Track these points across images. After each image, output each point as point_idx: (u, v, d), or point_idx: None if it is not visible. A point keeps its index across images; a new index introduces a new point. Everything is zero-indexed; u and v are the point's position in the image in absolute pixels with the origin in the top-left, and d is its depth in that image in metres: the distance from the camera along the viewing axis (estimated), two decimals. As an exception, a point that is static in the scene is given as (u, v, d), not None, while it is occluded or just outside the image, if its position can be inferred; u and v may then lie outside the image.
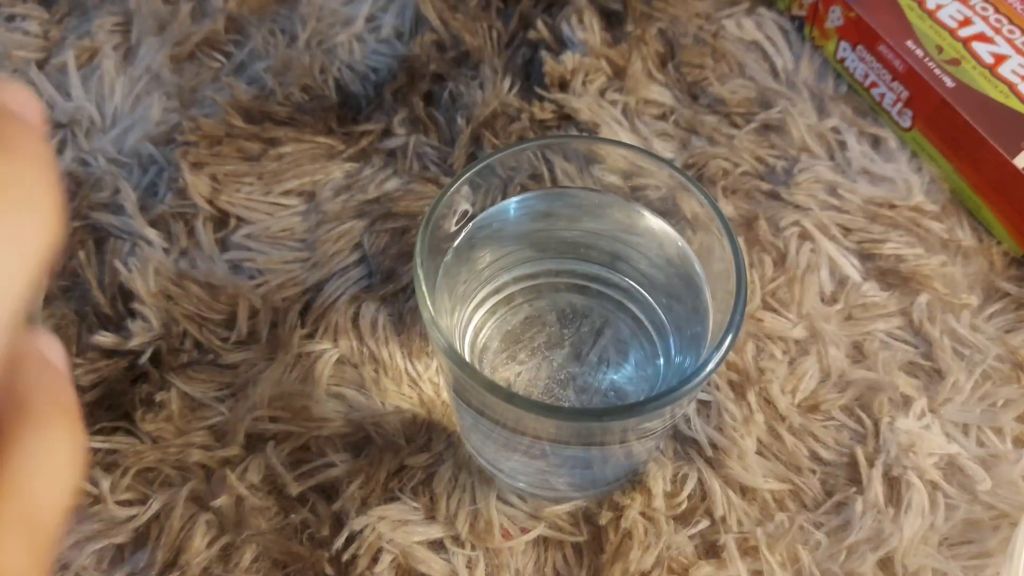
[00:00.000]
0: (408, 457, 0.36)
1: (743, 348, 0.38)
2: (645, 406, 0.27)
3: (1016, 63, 0.43)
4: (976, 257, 0.42)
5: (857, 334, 0.39)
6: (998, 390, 0.38)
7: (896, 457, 0.36)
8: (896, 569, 0.34)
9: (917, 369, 0.39)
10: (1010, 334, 0.40)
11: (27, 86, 0.46)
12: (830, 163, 0.44)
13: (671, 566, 0.33)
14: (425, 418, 0.37)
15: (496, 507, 0.35)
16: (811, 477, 0.36)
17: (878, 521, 0.34)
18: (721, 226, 0.30)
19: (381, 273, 0.40)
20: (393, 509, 0.34)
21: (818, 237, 0.42)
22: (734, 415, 0.37)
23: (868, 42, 0.45)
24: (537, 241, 0.35)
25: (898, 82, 0.44)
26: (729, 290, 0.29)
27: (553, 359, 0.35)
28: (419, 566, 0.33)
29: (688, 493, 0.35)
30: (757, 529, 0.34)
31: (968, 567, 0.34)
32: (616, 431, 0.29)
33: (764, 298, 0.40)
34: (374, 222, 0.42)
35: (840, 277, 0.41)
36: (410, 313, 0.39)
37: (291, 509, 0.35)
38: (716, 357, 0.27)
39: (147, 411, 0.36)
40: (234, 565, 0.33)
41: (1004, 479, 0.35)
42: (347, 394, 0.37)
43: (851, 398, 0.38)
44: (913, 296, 0.40)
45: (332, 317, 0.39)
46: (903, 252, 0.41)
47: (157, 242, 0.41)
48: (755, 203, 0.43)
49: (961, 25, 0.44)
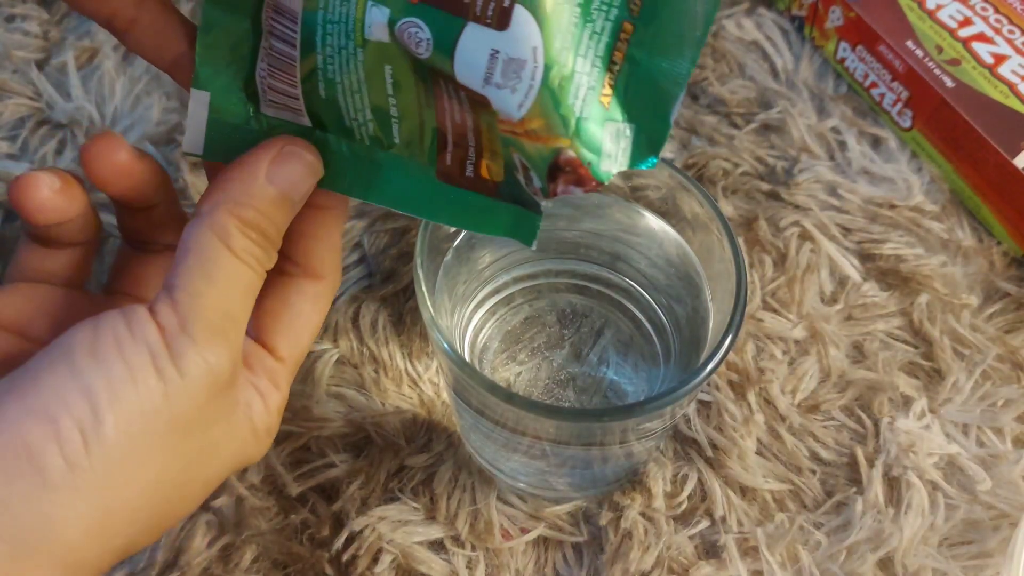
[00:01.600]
0: (408, 457, 0.36)
1: (743, 348, 0.38)
2: (645, 406, 0.27)
3: (1016, 63, 0.43)
4: (976, 257, 0.42)
5: (857, 334, 0.39)
6: (998, 390, 0.38)
7: (896, 457, 0.36)
8: (896, 569, 0.34)
9: (917, 369, 0.39)
10: (1010, 334, 0.40)
11: (27, 86, 0.46)
12: (830, 163, 0.44)
13: (671, 566, 0.33)
14: (425, 418, 0.37)
15: (496, 507, 0.35)
16: (811, 477, 0.36)
17: (878, 521, 0.34)
18: (721, 226, 0.30)
19: (381, 273, 0.40)
20: (393, 509, 0.34)
21: (818, 237, 0.42)
22: (734, 415, 0.37)
23: (868, 42, 0.45)
24: (537, 241, 0.35)
25: (898, 82, 0.44)
26: (729, 290, 0.29)
27: (553, 359, 0.35)
28: (419, 566, 0.33)
29: (688, 493, 0.35)
30: (757, 529, 0.34)
31: (968, 567, 0.34)
32: (616, 431, 0.29)
33: (764, 298, 0.40)
34: (374, 222, 0.42)
35: (840, 277, 0.41)
36: (410, 313, 0.39)
37: (291, 509, 0.35)
38: (716, 357, 0.27)
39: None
40: (234, 565, 0.33)
41: (1004, 479, 0.35)
42: (347, 394, 0.37)
43: (851, 398, 0.38)
44: (913, 296, 0.40)
45: (332, 317, 0.39)
46: (903, 252, 0.41)
47: (157, 242, 0.41)
48: (755, 203, 0.43)
49: (961, 25, 0.44)
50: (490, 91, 0.23)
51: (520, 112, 0.23)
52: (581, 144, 0.23)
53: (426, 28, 0.23)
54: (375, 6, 0.23)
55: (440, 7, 0.23)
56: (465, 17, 0.22)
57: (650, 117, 0.24)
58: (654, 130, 0.24)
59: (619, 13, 0.23)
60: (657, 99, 0.24)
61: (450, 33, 0.23)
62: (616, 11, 0.23)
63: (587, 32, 0.23)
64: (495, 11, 0.22)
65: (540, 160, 0.24)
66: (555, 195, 0.24)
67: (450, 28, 0.23)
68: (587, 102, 0.24)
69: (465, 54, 0.23)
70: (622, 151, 0.24)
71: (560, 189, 0.24)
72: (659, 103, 0.24)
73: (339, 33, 0.24)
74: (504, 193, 0.25)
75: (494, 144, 0.25)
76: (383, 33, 0.23)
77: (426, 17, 0.23)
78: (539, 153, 0.24)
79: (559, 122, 0.23)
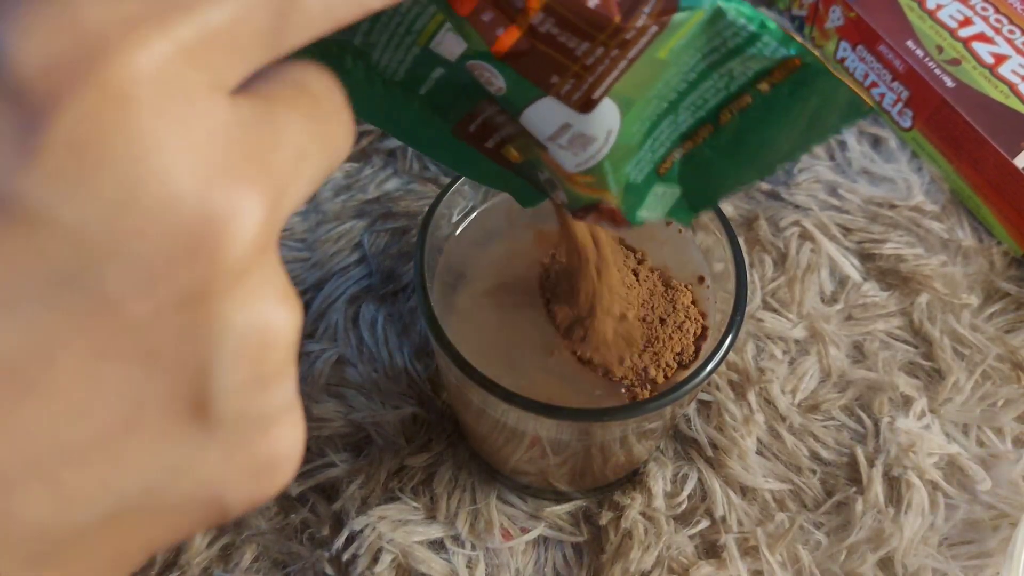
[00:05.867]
0: (408, 457, 0.36)
1: (743, 348, 0.38)
2: (645, 406, 0.27)
3: (1016, 63, 0.43)
4: (976, 257, 0.42)
5: (857, 334, 0.39)
6: (998, 390, 0.38)
7: (896, 457, 0.36)
8: (896, 569, 0.34)
9: (917, 369, 0.39)
10: (1010, 334, 0.40)
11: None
12: (830, 163, 0.44)
13: (671, 566, 0.33)
14: (425, 418, 0.37)
15: (496, 507, 0.35)
16: (811, 477, 0.36)
17: (878, 521, 0.34)
18: (721, 226, 0.30)
19: (381, 273, 0.40)
20: (393, 509, 0.34)
21: (818, 237, 0.42)
22: (734, 415, 0.37)
23: (868, 42, 0.45)
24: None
25: (898, 82, 0.44)
26: (729, 290, 0.29)
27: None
28: (419, 566, 0.33)
29: (688, 493, 0.35)
30: (757, 529, 0.34)
31: (968, 567, 0.34)
32: (616, 431, 0.29)
33: (764, 298, 0.40)
34: (374, 222, 0.42)
35: (840, 277, 0.41)
36: (410, 313, 0.39)
37: (291, 509, 0.35)
38: (716, 357, 0.27)
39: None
40: (234, 565, 0.33)
41: (1004, 479, 0.35)
42: (347, 394, 0.37)
43: (851, 398, 0.38)
44: (913, 296, 0.40)
45: (332, 317, 0.39)
46: (903, 252, 0.41)
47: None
48: (755, 203, 0.43)
49: (961, 25, 0.44)
50: (552, 146, 0.22)
51: (575, 169, 0.22)
52: (623, 200, 0.23)
53: (502, 79, 0.20)
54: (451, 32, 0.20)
55: (524, 74, 0.20)
56: (547, 92, 0.20)
57: (699, 193, 0.25)
58: (698, 202, 0.25)
59: (705, 118, 0.23)
60: (711, 186, 0.24)
61: (526, 96, 0.21)
62: (703, 115, 0.23)
63: (667, 123, 0.23)
64: (581, 97, 0.20)
65: (578, 199, 0.24)
66: (581, 219, 0.24)
67: (528, 93, 0.21)
68: (644, 171, 0.23)
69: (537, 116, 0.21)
70: (663, 205, 0.25)
71: (591, 219, 0.24)
72: (712, 189, 0.24)
73: (400, 25, 0.21)
74: (517, 169, 0.25)
75: (524, 151, 0.24)
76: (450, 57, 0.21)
77: (505, 74, 0.20)
78: (579, 194, 0.23)
79: (610, 185, 0.23)
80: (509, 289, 0.36)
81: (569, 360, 0.30)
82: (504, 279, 0.35)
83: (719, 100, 0.22)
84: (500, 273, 0.35)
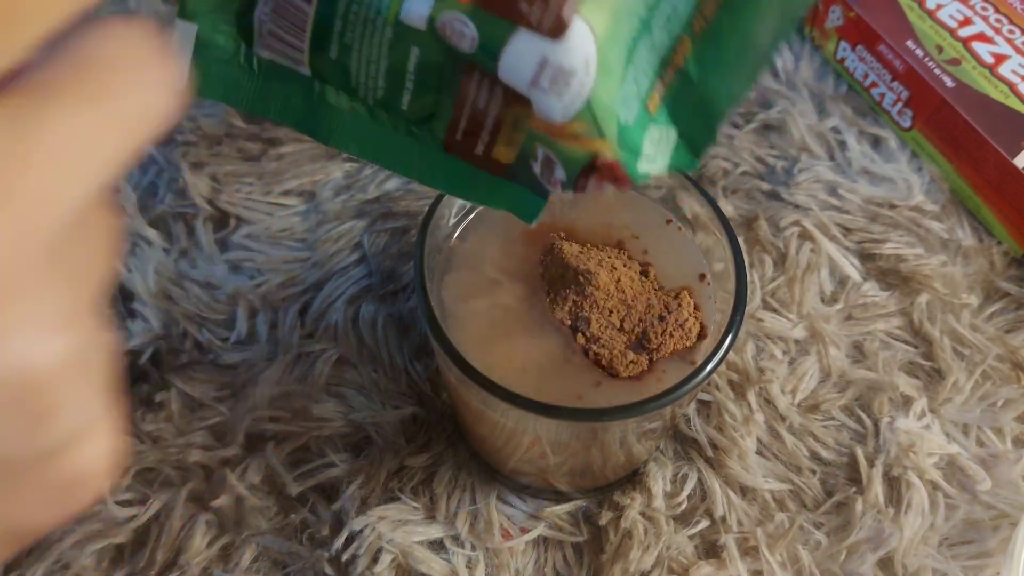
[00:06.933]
0: (408, 457, 0.36)
1: (743, 348, 0.38)
2: (645, 406, 0.27)
3: (1016, 63, 0.43)
4: (976, 257, 0.42)
5: (857, 334, 0.39)
6: (998, 390, 0.38)
7: (896, 457, 0.36)
8: (896, 569, 0.34)
9: (917, 369, 0.39)
10: (1010, 334, 0.40)
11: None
12: (830, 163, 0.44)
13: (671, 566, 0.33)
14: (425, 418, 0.37)
15: (496, 507, 0.35)
16: (811, 477, 0.36)
17: (878, 521, 0.34)
18: (721, 226, 0.30)
19: (381, 273, 0.40)
20: (393, 509, 0.34)
21: (818, 237, 0.42)
22: (734, 415, 0.37)
23: (868, 42, 0.45)
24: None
25: (898, 82, 0.44)
26: (729, 290, 0.29)
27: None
28: (419, 566, 0.33)
29: (688, 493, 0.35)
30: (757, 529, 0.34)
31: (968, 567, 0.34)
32: (616, 431, 0.29)
33: (764, 298, 0.40)
34: (374, 222, 0.42)
35: (840, 277, 0.41)
36: (410, 313, 0.39)
37: (291, 509, 0.35)
38: (716, 357, 0.27)
39: (147, 411, 0.36)
40: (234, 565, 0.33)
41: (1004, 479, 0.35)
42: (347, 394, 0.37)
43: (851, 398, 0.38)
44: (913, 296, 0.40)
45: (332, 317, 0.39)
46: (903, 252, 0.41)
47: (157, 242, 0.41)
48: (755, 203, 0.43)
49: (961, 25, 0.44)
50: (535, 94, 0.22)
51: (563, 117, 0.22)
52: (620, 146, 0.23)
53: (472, 26, 0.22)
54: None
55: (492, 11, 0.21)
56: (517, 23, 0.21)
57: (695, 126, 0.24)
58: (697, 138, 0.24)
59: (680, 31, 0.23)
60: (705, 111, 0.24)
61: (499, 36, 0.21)
62: (678, 29, 0.23)
63: (644, 45, 0.23)
64: (552, 21, 0.21)
65: (574, 160, 0.23)
66: (582, 191, 0.24)
67: (499, 31, 0.21)
68: (633, 109, 0.23)
69: (512, 58, 0.22)
70: (661, 154, 0.24)
71: (591, 185, 0.23)
72: (706, 115, 0.24)
73: (368, 4, 0.23)
74: (510, 174, 0.25)
75: (513, 136, 0.24)
76: (420, 23, 0.22)
77: (475, 17, 0.21)
78: (574, 154, 0.23)
79: (602, 128, 0.23)
80: (509, 289, 0.36)
81: (570, 359, 0.30)
82: (504, 278, 0.35)
83: (689, 8, 0.22)
84: (500, 273, 0.35)
